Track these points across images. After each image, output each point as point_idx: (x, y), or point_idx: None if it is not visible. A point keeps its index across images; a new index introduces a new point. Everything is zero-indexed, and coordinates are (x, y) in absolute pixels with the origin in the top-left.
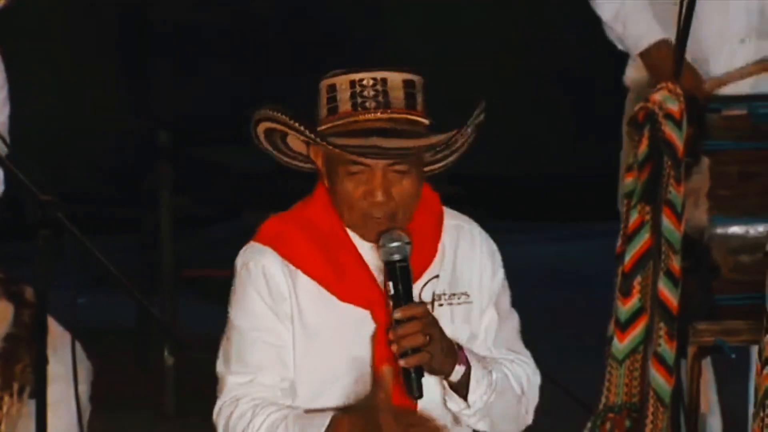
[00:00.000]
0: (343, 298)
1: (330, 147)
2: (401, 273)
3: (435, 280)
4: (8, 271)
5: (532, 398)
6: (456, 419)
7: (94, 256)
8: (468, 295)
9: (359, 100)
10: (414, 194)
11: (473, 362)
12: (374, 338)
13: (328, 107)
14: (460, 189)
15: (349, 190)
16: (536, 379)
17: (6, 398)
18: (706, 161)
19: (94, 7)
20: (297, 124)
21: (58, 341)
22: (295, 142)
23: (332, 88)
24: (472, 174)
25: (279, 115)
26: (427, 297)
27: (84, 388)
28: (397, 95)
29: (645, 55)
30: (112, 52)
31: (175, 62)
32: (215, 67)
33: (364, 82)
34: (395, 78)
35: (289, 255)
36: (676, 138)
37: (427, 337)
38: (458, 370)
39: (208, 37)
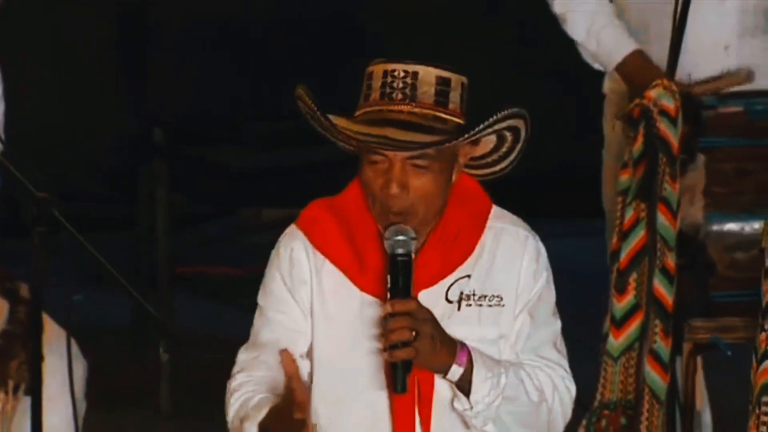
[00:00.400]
0: (363, 288)
1: (335, 132)
2: (402, 267)
3: (465, 279)
4: (3, 268)
5: (559, 407)
6: (465, 422)
7: (90, 253)
8: (501, 298)
9: (388, 90)
10: (434, 192)
11: (478, 364)
12: None
13: (364, 94)
14: None
15: (369, 179)
16: (567, 389)
17: (1, 395)
18: (701, 158)
19: (92, 5)
20: (310, 103)
21: (54, 338)
22: None
23: (370, 75)
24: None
25: (303, 94)
26: (454, 296)
27: (79, 385)
28: (427, 90)
29: (621, 67)
30: (108, 50)
31: (171, 60)
32: (212, 65)
33: (396, 74)
34: (428, 72)
35: (318, 242)
36: (672, 135)
37: (413, 333)
38: (456, 370)
39: (205, 35)
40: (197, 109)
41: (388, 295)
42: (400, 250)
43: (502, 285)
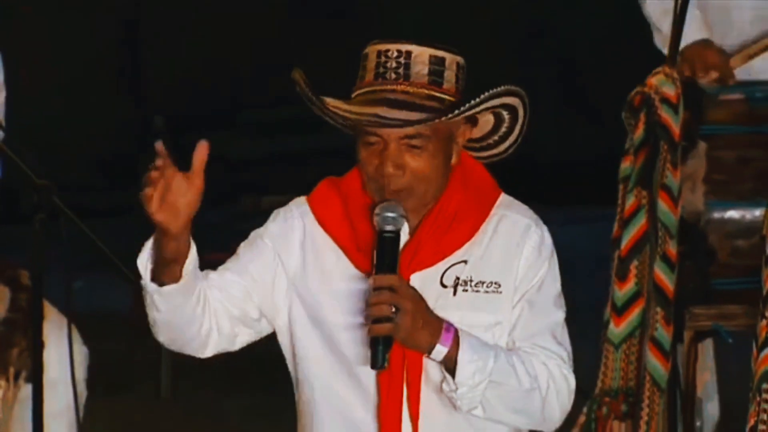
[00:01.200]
0: (358, 265)
1: (328, 111)
2: (388, 244)
3: (461, 265)
4: (4, 255)
5: (555, 396)
6: (454, 405)
7: (90, 240)
8: (499, 285)
9: (381, 70)
10: (431, 172)
11: (464, 346)
12: None
13: (359, 75)
14: None
15: (365, 159)
16: (565, 379)
17: (2, 383)
18: (702, 146)
19: None
20: (305, 86)
21: (55, 325)
22: None
23: (365, 56)
24: None
25: (298, 77)
26: (449, 280)
27: (80, 372)
28: (420, 70)
29: (684, 51)
30: (107, 39)
31: (169, 49)
32: (211, 53)
33: (389, 53)
34: (422, 52)
35: (321, 216)
36: (673, 122)
37: (392, 308)
38: (439, 350)
39: (203, 24)
40: (196, 97)
41: (374, 271)
42: (388, 227)
43: (502, 272)
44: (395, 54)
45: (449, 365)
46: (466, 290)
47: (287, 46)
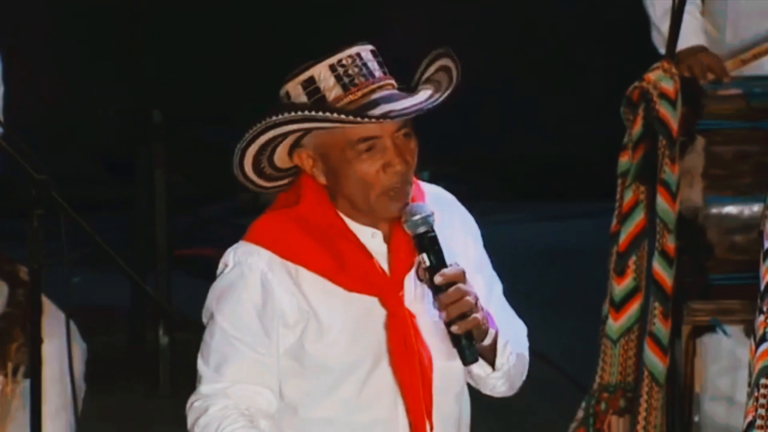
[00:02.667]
0: (349, 288)
1: (370, 120)
2: (430, 242)
3: (423, 255)
4: (2, 250)
5: (527, 351)
6: (457, 401)
7: (89, 235)
8: (458, 265)
9: (347, 80)
10: (415, 158)
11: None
12: (386, 324)
13: (312, 101)
14: (453, 168)
15: (366, 169)
16: (525, 330)
17: (1, 378)
18: (700, 141)
19: None
20: (321, 113)
21: (53, 320)
22: (282, 157)
23: (310, 81)
24: (464, 154)
25: (295, 114)
26: (421, 274)
27: (78, 367)
28: (375, 66)
29: (682, 53)
30: (106, 31)
31: (169, 41)
32: (210, 46)
33: (344, 62)
34: (365, 50)
35: (288, 253)
36: (671, 117)
37: (476, 301)
38: (491, 333)
39: (203, 16)
40: (195, 91)
41: (427, 275)
42: (422, 228)
43: (455, 250)
44: (350, 60)
45: (487, 347)
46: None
47: (286, 42)
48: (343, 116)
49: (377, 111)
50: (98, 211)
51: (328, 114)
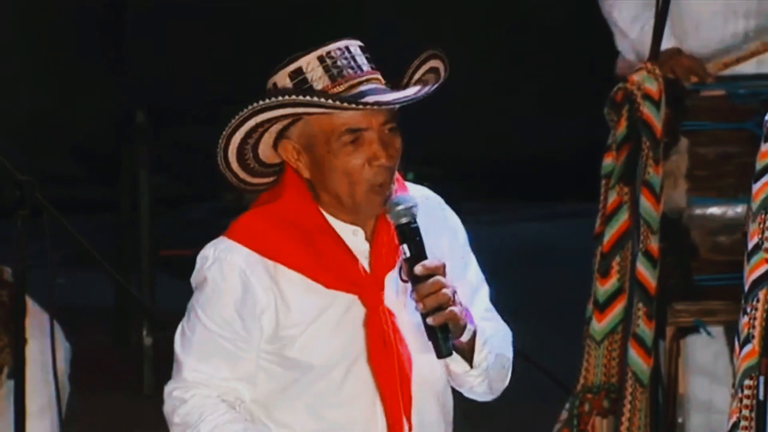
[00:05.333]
0: (329, 285)
1: (357, 107)
2: (411, 233)
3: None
4: None
5: (510, 355)
6: (438, 400)
7: (73, 236)
8: (444, 265)
9: (335, 71)
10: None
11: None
12: (365, 321)
13: (301, 90)
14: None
15: (351, 162)
16: (510, 335)
17: None
18: (684, 142)
19: None
20: (308, 97)
21: (37, 321)
22: (267, 151)
23: (298, 71)
24: (449, 154)
25: (283, 98)
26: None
27: (63, 368)
28: (363, 60)
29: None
30: (90, 32)
31: (153, 41)
32: (194, 47)
33: (333, 54)
34: (354, 45)
35: (267, 251)
36: (655, 118)
37: (453, 293)
38: (469, 329)
39: (187, 17)
40: (179, 92)
41: (405, 265)
42: (404, 219)
43: (440, 249)
44: (339, 53)
45: (465, 344)
46: None
47: (272, 41)
48: (330, 101)
49: (372, 100)
50: (82, 212)
51: (315, 98)
